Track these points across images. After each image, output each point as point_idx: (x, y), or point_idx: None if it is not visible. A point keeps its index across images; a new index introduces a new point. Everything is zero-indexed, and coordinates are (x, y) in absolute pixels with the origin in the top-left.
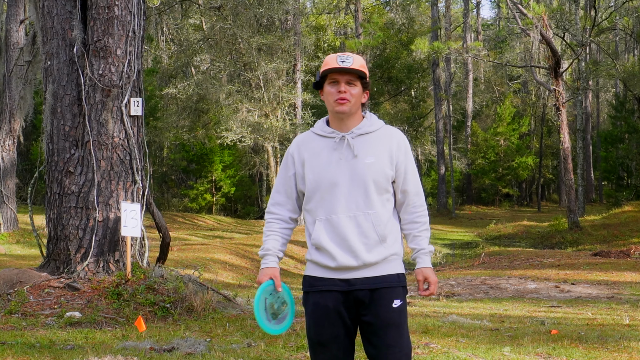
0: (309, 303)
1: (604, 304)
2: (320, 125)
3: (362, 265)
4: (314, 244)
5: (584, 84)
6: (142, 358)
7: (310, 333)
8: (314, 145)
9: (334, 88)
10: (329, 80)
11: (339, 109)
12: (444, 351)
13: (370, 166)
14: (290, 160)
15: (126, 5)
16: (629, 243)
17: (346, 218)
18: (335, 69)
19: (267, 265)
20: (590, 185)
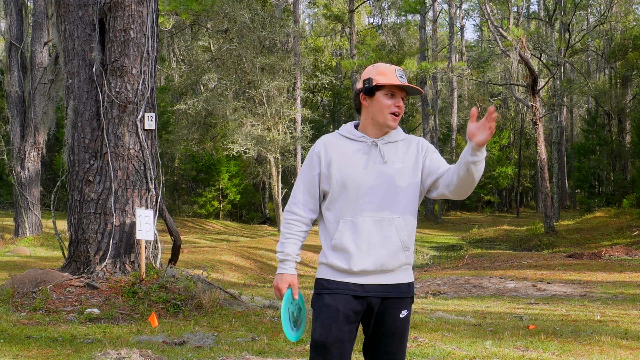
0: (319, 304)
1: (577, 302)
2: (349, 129)
3: (379, 270)
4: (335, 244)
5: (559, 100)
6: (155, 351)
7: (315, 334)
8: (343, 147)
9: (390, 101)
10: (386, 92)
11: (391, 124)
12: (431, 344)
13: (399, 172)
14: (317, 160)
15: (141, 29)
16: (600, 246)
17: (371, 221)
18: (398, 85)
19: (286, 271)
20: (565, 193)
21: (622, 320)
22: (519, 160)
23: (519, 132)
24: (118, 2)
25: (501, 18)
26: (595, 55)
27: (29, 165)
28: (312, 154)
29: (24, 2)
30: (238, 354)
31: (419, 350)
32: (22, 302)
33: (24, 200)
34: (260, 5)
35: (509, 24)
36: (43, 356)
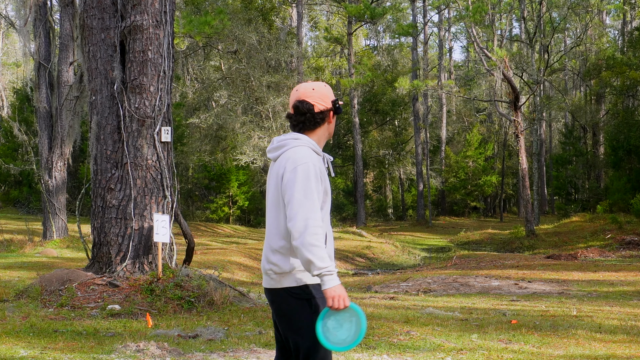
0: (317, 305)
1: (555, 299)
2: (316, 146)
3: None
4: (329, 253)
5: (538, 115)
6: (171, 343)
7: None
8: (321, 162)
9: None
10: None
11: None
12: (422, 337)
13: None
14: (320, 174)
15: (158, 50)
16: (576, 248)
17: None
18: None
19: (339, 282)
20: (544, 199)
21: (597, 315)
22: (502, 170)
23: (502, 144)
24: (137, 26)
25: (486, 40)
26: (571, 74)
27: (56, 174)
28: (315, 169)
29: (52, 26)
30: (246, 346)
31: (412, 343)
32: (50, 299)
33: (51, 206)
34: (267, 29)
35: (493, 46)
36: (69, 348)
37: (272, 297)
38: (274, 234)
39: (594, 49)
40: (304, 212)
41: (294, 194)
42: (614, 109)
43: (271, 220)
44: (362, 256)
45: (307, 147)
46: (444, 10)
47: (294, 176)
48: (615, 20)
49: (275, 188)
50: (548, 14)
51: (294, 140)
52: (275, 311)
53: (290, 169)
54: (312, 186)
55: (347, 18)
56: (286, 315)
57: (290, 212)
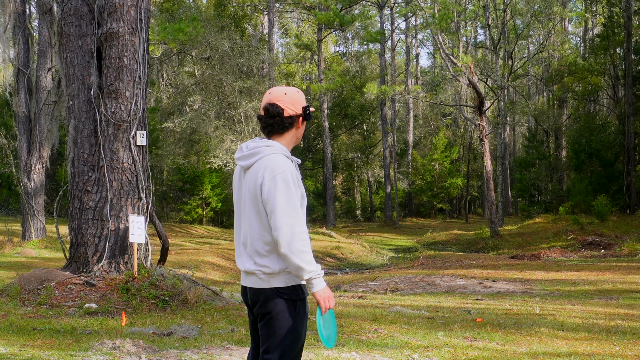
0: (304, 310)
1: (519, 297)
2: (287, 152)
3: None
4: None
5: (502, 119)
6: (146, 341)
7: (304, 336)
8: (294, 167)
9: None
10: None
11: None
12: (390, 335)
13: None
14: (296, 180)
15: (133, 56)
16: (539, 248)
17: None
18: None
19: (326, 284)
20: (508, 201)
21: (559, 313)
22: (467, 173)
23: (467, 147)
24: (113, 33)
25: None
26: (535, 80)
27: (35, 177)
28: (291, 175)
29: (30, 33)
30: (219, 344)
31: (379, 341)
32: (29, 298)
33: (30, 208)
34: (239, 36)
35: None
36: (47, 346)
37: (257, 296)
38: (257, 239)
39: (557, 55)
40: (288, 220)
41: (277, 204)
42: (575, 114)
43: (254, 225)
44: (331, 256)
45: (281, 155)
46: (411, 17)
47: (274, 186)
48: (577, 28)
49: (255, 196)
50: (512, 21)
51: (267, 147)
52: (258, 311)
53: (270, 178)
54: (293, 193)
55: (317, 25)
56: (270, 314)
57: (275, 222)
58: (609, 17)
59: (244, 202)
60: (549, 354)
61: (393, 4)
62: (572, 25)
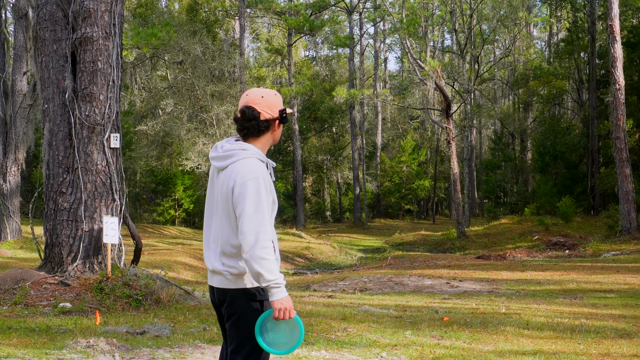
0: (269, 307)
1: (485, 297)
2: (262, 155)
3: None
4: (277, 257)
5: (469, 122)
6: (119, 339)
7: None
8: (267, 172)
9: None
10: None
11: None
12: (359, 334)
13: None
14: (269, 184)
15: (107, 60)
16: (505, 248)
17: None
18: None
19: (287, 294)
20: (475, 202)
21: (524, 313)
22: (434, 175)
23: (434, 150)
24: (87, 38)
25: (419, 51)
26: (500, 84)
27: (10, 179)
28: (262, 181)
29: (6, 37)
30: (191, 342)
31: (348, 339)
32: (4, 297)
33: (5, 209)
34: (211, 40)
35: (426, 57)
36: (22, 344)
37: (224, 296)
38: (226, 240)
39: (522, 60)
40: (254, 226)
41: (245, 209)
42: (540, 117)
43: (224, 227)
44: (301, 256)
45: (255, 159)
46: (379, 22)
47: (244, 190)
48: (542, 32)
49: (227, 198)
50: (478, 26)
51: (242, 151)
52: (225, 310)
53: (240, 183)
54: (262, 199)
55: (287, 30)
56: (237, 314)
57: (242, 226)
58: (573, 22)
59: (217, 202)
60: (515, 353)
61: (362, 9)
62: (537, 30)
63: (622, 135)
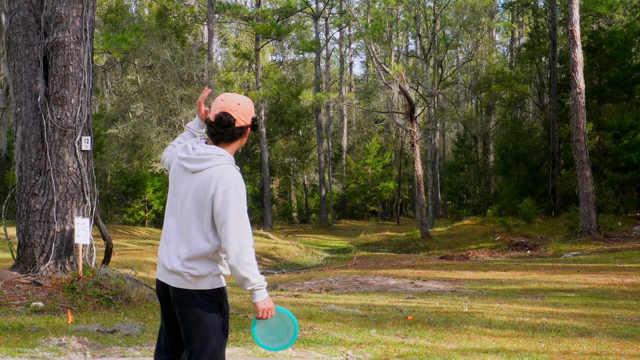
0: (227, 310)
1: (448, 296)
2: (234, 160)
3: None
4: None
5: (433, 125)
6: (91, 338)
7: (227, 335)
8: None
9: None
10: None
11: None
12: (324, 332)
13: None
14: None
15: (78, 65)
16: (468, 249)
17: None
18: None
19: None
20: (438, 204)
21: (487, 312)
22: (399, 177)
23: (399, 152)
24: (59, 42)
25: (384, 56)
26: (463, 87)
27: None
28: (242, 189)
29: None
30: None
31: (315, 338)
32: None
33: None
34: (180, 45)
35: (391, 61)
36: None
37: (181, 297)
38: (193, 243)
39: (485, 64)
40: (239, 233)
41: (228, 216)
42: (503, 120)
43: (192, 229)
44: (268, 257)
45: (232, 166)
46: (344, 27)
47: (227, 198)
48: (504, 37)
49: (202, 203)
50: (442, 31)
51: (219, 156)
52: (181, 310)
53: (223, 190)
54: (244, 207)
55: (254, 35)
56: (196, 315)
57: (226, 234)
58: (534, 27)
59: (187, 204)
60: (478, 351)
61: (328, 14)
62: (499, 35)
63: (582, 138)
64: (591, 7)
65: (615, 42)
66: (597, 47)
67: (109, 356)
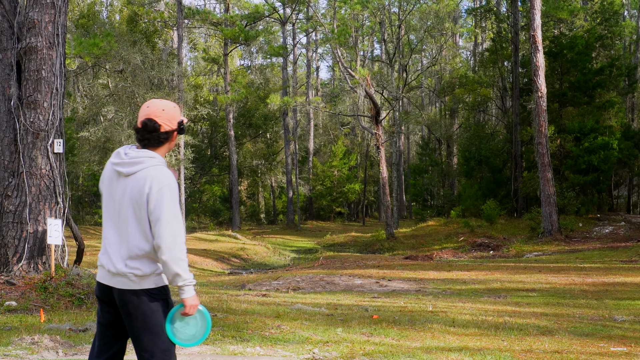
0: (172, 305)
1: (412, 295)
2: (165, 163)
3: None
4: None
5: (397, 128)
6: (63, 336)
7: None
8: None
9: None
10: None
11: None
12: (292, 331)
13: None
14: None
15: (51, 69)
16: (432, 249)
17: None
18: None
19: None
20: (403, 205)
21: (450, 311)
22: (364, 178)
23: (364, 155)
24: (32, 47)
25: (350, 60)
26: (428, 91)
27: None
28: (175, 188)
29: None
30: None
31: (282, 336)
32: None
33: None
34: (150, 50)
35: (357, 65)
36: None
37: (128, 297)
38: (134, 244)
39: (448, 69)
40: (172, 229)
41: (162, 213)
42: (466, 123)
43: (132, 230)
44: (237, 257)
45: (164, 167)
46: (311, 33)
47: (161, 196)
48: (467, 42)
49: (138, 203)
50: (406, 36)
51: (151, 158)
52: (129, 311)
53: (157, 189)
54: (176, 204)
55: (223, 40)
56: (144, 314)
57: (160, 230)
58: (497, 32)
59: (124, 207)
60: (441, 349)
61: (295, 20)
62: (462, 40)
63: (544, 140)
64: (553, 12)
65: (576, 47)
66: (558, 52)
67: (80, 354)
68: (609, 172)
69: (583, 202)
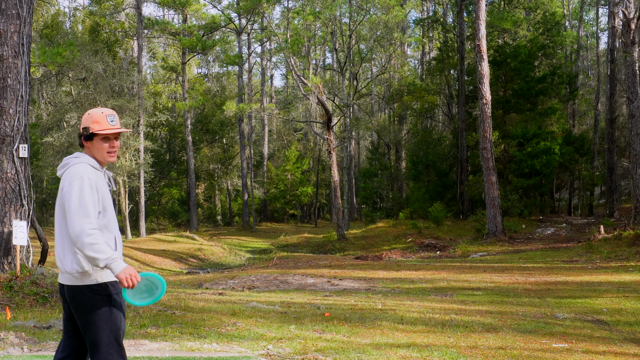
0: (119, 303)
1: (363, 294)
2: (94, 163)
3: None
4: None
5: (348, 134)
6: (28, 333)
7: (122, 325)
8: (98, 176)
9: (106, 143)
10: (102, 136)
11: (111, 159)
12: (247, 328)
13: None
14: (94, 185)
15: (16, 77)
16: (381, 250)
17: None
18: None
19: (125, 264)
20: (354, 207)
21: (399, 309)
22: (317, 182)
23: (317, 159)
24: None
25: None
26: (377, 99)
27: None
28: (88, 181)
29: None
30: None
31: (238, 333)
32: None
33: None
34: (111, 59)
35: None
36: None
37: (73, 293)
38: (68, 241)
39: (397, 77)
40: (79, 218)
41: (70, 204)
42: (414, 129)
43: (64, 230)
44: (194, 257)
45: (84, 164)
46: (266, 42)
47: (70, 189)
48: (415, 51)
49: (61, 202)
50: (357, 46)
51: (75, 158)
52: (76, 307)
53: (67, 183)
54: (86, 196)
55: (181, 49)
56: (88, 309)
57: (69, 220)
58: (444, 42)
59: (58, 208)
60: (391, 345)
61: (250, 30)
62: (411, 49)
63: (488, 145)
64: (497, 23)
65: (520, 56)
66: (502, 61)
67: (44, 350)
68: (551, 175)
69: (526, 204)
